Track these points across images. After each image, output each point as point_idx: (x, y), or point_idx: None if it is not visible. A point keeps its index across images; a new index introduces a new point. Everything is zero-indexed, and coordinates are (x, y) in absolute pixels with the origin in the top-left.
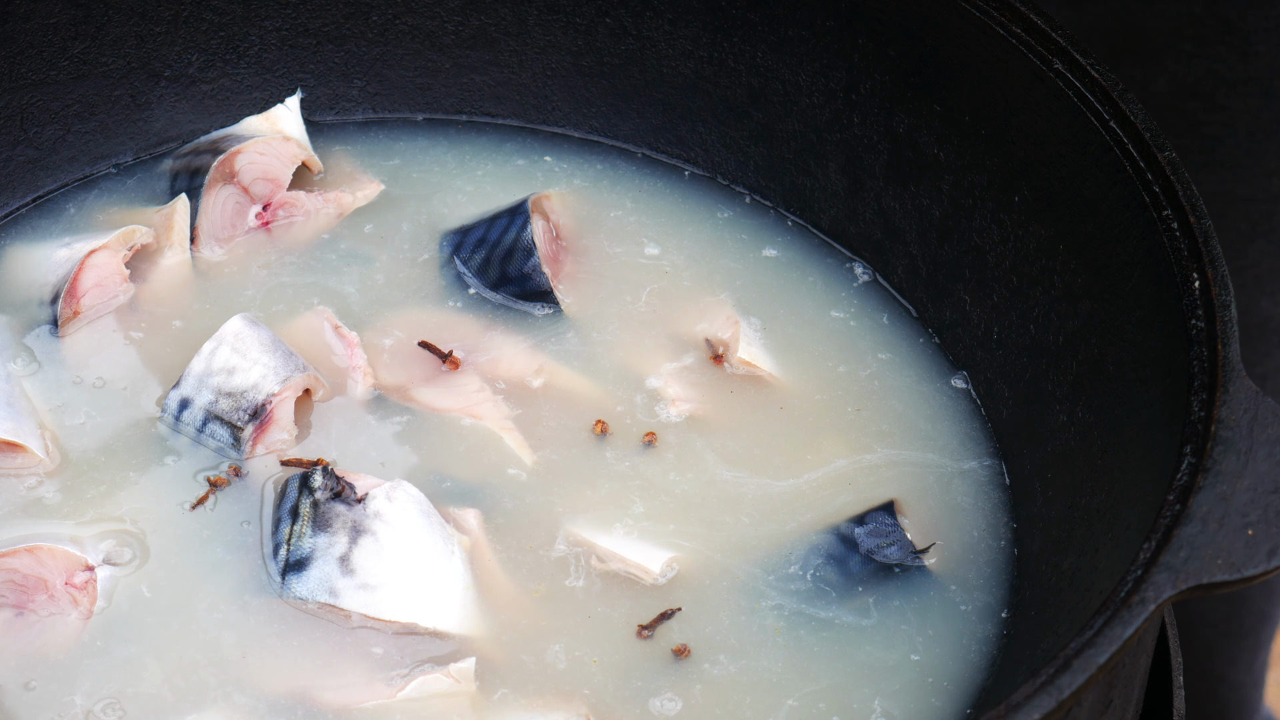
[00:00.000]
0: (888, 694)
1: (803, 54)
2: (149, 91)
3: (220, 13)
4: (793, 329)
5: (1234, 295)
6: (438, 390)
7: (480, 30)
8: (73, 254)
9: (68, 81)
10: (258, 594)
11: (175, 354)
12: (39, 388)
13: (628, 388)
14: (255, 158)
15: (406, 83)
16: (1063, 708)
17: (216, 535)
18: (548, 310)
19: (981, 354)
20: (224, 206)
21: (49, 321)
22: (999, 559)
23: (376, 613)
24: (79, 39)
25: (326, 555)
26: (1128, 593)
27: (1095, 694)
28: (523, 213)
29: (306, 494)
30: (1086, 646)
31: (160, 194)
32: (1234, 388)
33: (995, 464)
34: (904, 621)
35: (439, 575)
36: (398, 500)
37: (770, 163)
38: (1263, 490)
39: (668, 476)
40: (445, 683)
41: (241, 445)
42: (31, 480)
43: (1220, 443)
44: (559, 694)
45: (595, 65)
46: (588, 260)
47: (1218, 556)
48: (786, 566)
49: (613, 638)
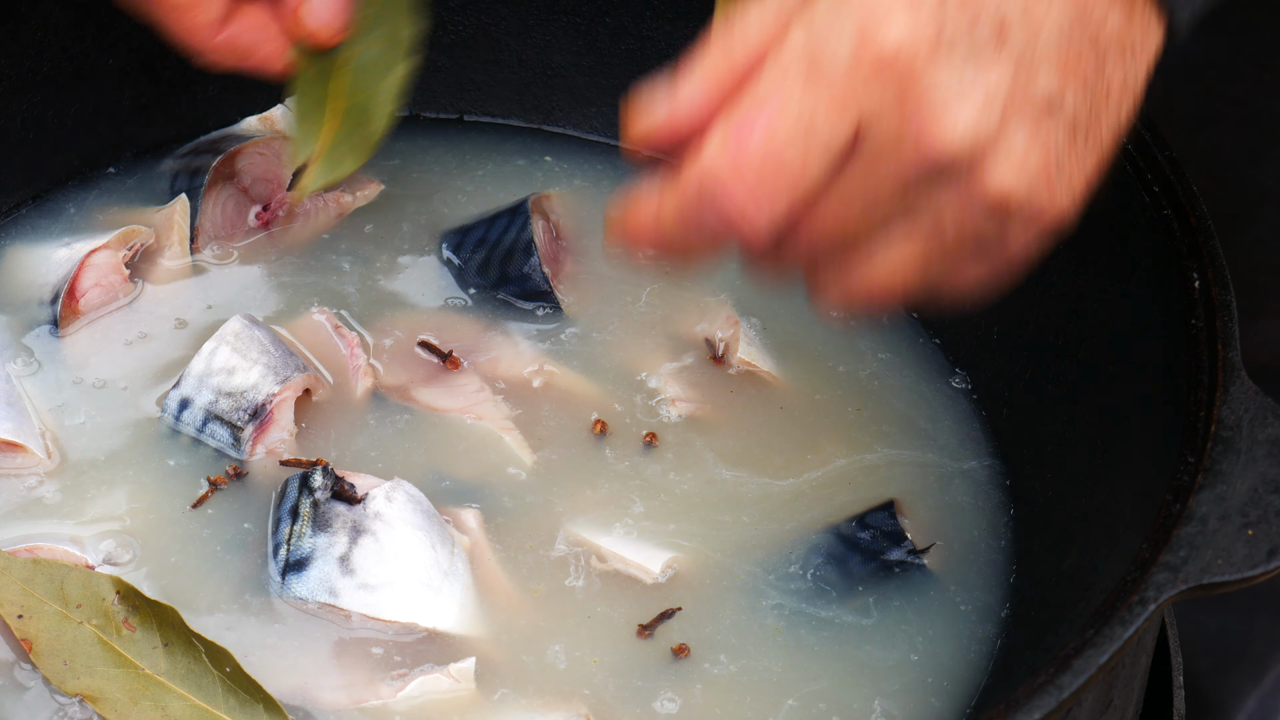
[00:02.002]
0: (888, 694)
1: None
2: (149, 91)
3: None
4: (793, 329)
5: (1235, 295)
6: (438, 390)
7: (480, 30)
8: (73, 254)
9: (68, 81)
10: (258, 594)
11: (175, 354)
12: (39, 388)
13: (627, 388)
14: (255, 158)
15: (406, 83)
16: (1063, 708)
17: (216, 535)
18: (548, 310)
19: (981, 354)
20: (224, 206)
21: (49, 321)
22: (999, 559)
23: (376, 613)
24: (79, 39)
25: (326, 555)
26: (1128, 593)
27: (1095, 694)
28: (523, 213)
29: (306, 494)
30: (1086, 646)
31: (160, 194)
32: (1234, 388)
33: (995, 464)
34: (904, 621)
35: (439, 575)
36: (398, 500)
37: None
38: (1263, 490)
39: (667, 476)
40: (445, 683)
41: (241, 445)
42: (31, 480)
43: (1220, 443)
44: (559, 694)
45: (595, 65)
46: (588, 260)
47: (1218, 556)
48: (787, 566)
49: (613, 637)
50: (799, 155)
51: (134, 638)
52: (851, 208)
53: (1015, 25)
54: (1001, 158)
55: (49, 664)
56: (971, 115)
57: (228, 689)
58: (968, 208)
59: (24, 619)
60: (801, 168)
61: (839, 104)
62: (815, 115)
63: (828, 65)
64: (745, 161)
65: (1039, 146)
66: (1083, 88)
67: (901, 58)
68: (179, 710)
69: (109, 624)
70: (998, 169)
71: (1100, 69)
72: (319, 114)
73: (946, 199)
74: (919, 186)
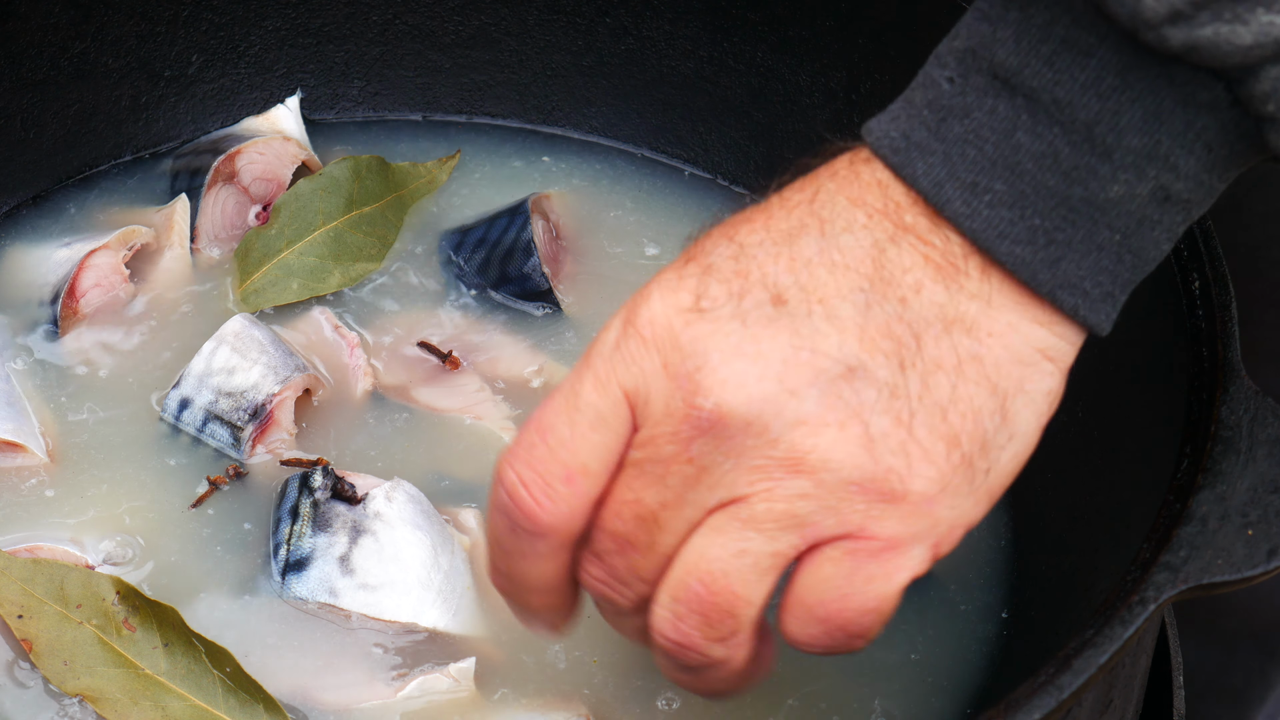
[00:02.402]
0: (887, 693)
1: (803, 54)
2: (149, 91)
3: (220, 13)
4: None
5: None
6: (437, 390)
7: (480, 30)
8: (73, 254)
9: (68, 81)
10: (258, 593)
11: (175, 354)
12: (39, 388)
13: None
14: (255, 158)
15: (406, 83)
16: (1063, 708)
17: (216, 534)
18: (547, 310)
19: None
20: (224, 206)
21: (49, 321)
22: (999, 559)
23: (376, 613)
24: (79, 39)
25: (326, 555)
26: (1128, 593)
27: (1095, 694)
28: (523, 213)
29: (306, 494)
30: (1086, 646)
31: (160, 194)
32: (1234, 388)
33: None
34: (904, 621)
35: (439, 575)
36: (397, 500)
37: (770, 163)
38: (1263, 490)
39: None
40: (445, 683)
41: (241, 445)
42: (32, 480)
43: (1220, 443)
44: (559, 694)
45: (595, 65)
46: (587, 260)
47: (1218, 557)
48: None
49: (612, 637)
50: (566, 426)
51: (134, 638)
52: (644, 488)
53: (792, 295)
54: (790, 417)
55: (49, 664)
56: (741, 371)
57: (228, 689)
58: (772, 475)
59: (24, 619)
60: (571, 439)
61: (600, 380)
62: (579, 392)
63: (593, 352)
64: (520, 448)
65: (841, 409)
66: (892, 358)
67: (658, 327)
68: (179, 710)
69: (109, 624)
70: (792, 431)
71: (917, 343)
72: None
73: (741, 458)
74: (708, 456)
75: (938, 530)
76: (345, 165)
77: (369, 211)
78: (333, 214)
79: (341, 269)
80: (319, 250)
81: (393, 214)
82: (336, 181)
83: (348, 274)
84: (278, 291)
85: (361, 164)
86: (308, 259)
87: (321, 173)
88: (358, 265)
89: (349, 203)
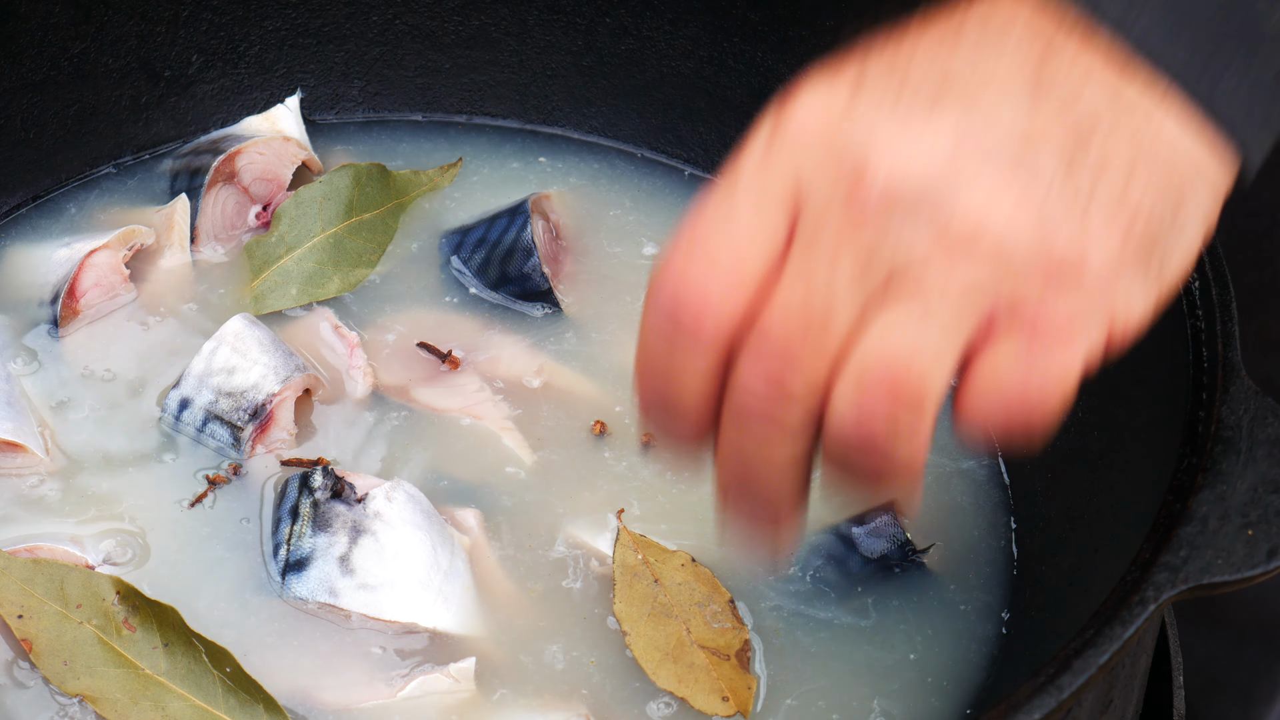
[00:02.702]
0: (887, 693)
1: (803, 54)
2: (149, 91)
3: (220, 13)
4: None
5: (1234, 295)
6: (437, 390)
7: (480, 30)
8: (73, 254)
9: (68, 81)
10: (257, 593)
11: (175, 354)
12: (39, 387)
13: (627, 388)
14: (255, 158)
15: (406, 83)
16: (1063, 708)
17: (216, 534)
18: (547, 310)
19: None
20: (224, 206)
21: (49, 321)
22: (999, 559)
23: (376, 613)
24: (79, 39)
25: (326, 555)
26: (1128, 593)
27: (1095, 694)
28: (523, 213)
29: (306, 494)
30: (1086, 646)
31: (160, 194)
32: (1234, 388)
33: (995, 464)
34: (903, 621)
35: (439, 575)
36: (397, 500)
37: None
38: (1263, 490)
39: (665, 477)
40: (445, 683)
41: (241, 445)
42: (32, 480)
43: (1220, 443)
44: (558, 694)
45: (595, 65)
46: (587, 260)
47: (1218, 556)
48: (785, 567)
49: (611, 638)
50: (724, 221)
51: (134, 638)
52: (812, 277)
53: (956, 82)
54: (963, 195)
55: (49, 664)
56: (910, 153)
57: (228, 689)
58: (948, 255)
59: (24, 619)
60: (731, 232)
61: (755, 182)
62: (734, 194)
63: (743, 159)
64: (679, 246)
65: (1017, 187)
66: (1063, 148)
67: (812, 125)
68: (179, 710)
69: (109, 624)
70: (966, 210)
71: (1088, 137)
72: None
73: (914, 240)
74: (878, 239)
75: (1114, 312)
76: (346, 173)
77: (368, 218)
78: (332, 221)
79: (340, 275)
80: (318, 256)
81: (392, 220)
82: (337, 189)
83: (346, 279)
84: (277, 297)
85: (362, 171)
86: (306, 265)
87: (322, 180)
88: (356, 271)
89: (348, 209)
